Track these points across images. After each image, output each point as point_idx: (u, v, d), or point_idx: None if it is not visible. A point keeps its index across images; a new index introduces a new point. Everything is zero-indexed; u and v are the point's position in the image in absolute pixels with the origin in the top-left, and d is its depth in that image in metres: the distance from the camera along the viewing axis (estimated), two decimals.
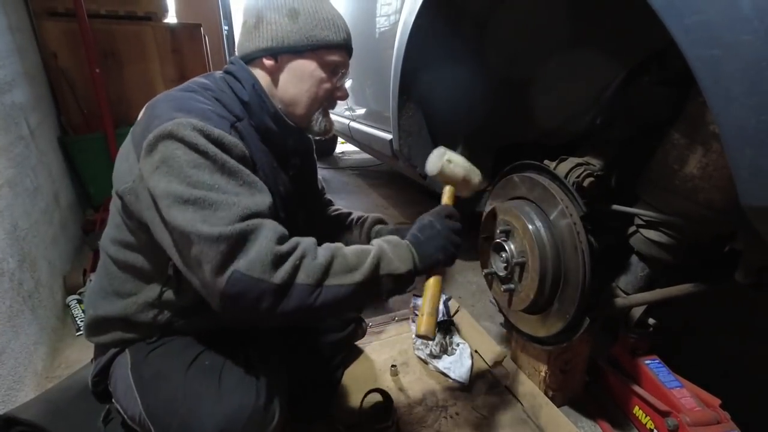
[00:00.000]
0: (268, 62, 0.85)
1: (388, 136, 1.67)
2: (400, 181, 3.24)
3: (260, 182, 0.75)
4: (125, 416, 0.85)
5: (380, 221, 1.15)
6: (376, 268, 0.75)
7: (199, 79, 0.88)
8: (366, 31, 1.86)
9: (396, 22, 1.47)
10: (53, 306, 1.46)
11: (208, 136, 0.70)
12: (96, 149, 2.19)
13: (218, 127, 0.72)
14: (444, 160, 0.93)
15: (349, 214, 1.20)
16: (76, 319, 1.48)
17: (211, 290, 0.66)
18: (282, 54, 0.84)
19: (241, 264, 0.64)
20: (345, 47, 0.89)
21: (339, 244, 0.77)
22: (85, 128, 2.26)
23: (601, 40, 1.10)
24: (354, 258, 0.74)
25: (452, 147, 1.57)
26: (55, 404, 0.93)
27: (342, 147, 4.49)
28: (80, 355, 1.33)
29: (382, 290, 0.78)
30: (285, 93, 0.88)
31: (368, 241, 1.11)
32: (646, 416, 1.04)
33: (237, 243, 0.65)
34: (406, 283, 0.81)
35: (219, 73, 0.89)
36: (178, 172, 0.67)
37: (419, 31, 1.33)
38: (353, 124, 2.24)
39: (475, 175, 0.96)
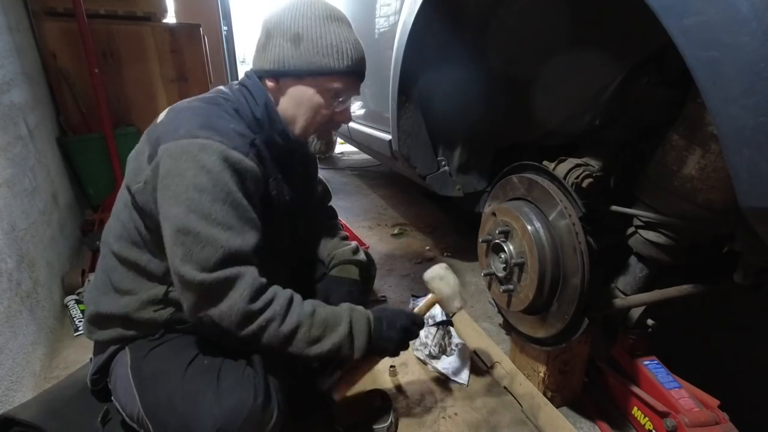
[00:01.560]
0: (270, 83, 0.87)
1: (388, 137, 1.67)
2: (400, 181, 3.24)
3: (255, 219, 0.79)
4: (124, 414, 0.85)
5: (348, 262, 1.13)
6: (336, 350, 0.82)
7: (223, 88, 0.91)
8: (365, 32, 1.86)
9: (395, 23, 1.47)
10: (51, 306, 1.46)
11: (226, 160, 0.74)
12: (95, 149, 2.18)
13: (239, 148, 0.77)
14: (437, 274, 1.05)
15: (333, 235, 1.19)
16: (75, 319, 1.48)
17: (189, 316, 0.76)
18: (283, 78, 0.86)
19: (212, 312, 0.73)
20: (349, 73, 0.87)
21: (314, 307, 0.81)
22: (84, 128, 2.26)
23: (601, 41, 1.10)
24: (319, 330, 0.80)
25: (451, 147, 1.58)
26: (54, 404, 0.93)
27: (341, 147, 4.49)
28: (78, 356, 1.33)
29: (328, 360, 0.90)
30: (285, 113, 0.90)
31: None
32: (644, 417, 1.04)
33: (213, 292, 0.72)
34: (348, 361, 0.92)
35: (236, 85, 0.92)
36: (182, 192, 0.72)
37: (418, 32, 1.33)
38: (352, 125, 2.24)
39: (457, 301, 1.04)
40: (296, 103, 0.88)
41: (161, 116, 0.85)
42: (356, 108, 2.21)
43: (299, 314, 0.79)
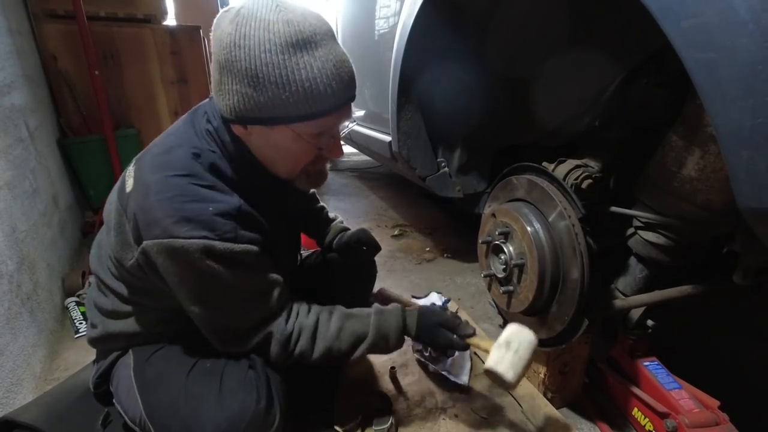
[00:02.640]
0: (237, 128, 0.73)
1: (387, 138, 1.67)
2: (399, 183, 3.24)
3: (267, 277, 0.79)
4: (126, 417, 0.85)
5: (343, 230, 1.22)
6: (372, 351, 0.87)
7: (186, 129, 0.78)
8: (365, 33, 1.87)
9: (395, 25, 1.47)
10: (52, 308, 1.46)
11: (214, 256, 0.70)
12: (95, 151, 2.19)
13: (222, 234, 0.69)
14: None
15: (320, 210, 1.25)
16: (75, 321, 1.48)
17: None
18: (250, 125, 0.71)
19: (268, 355, 0.81)
20: (330, 112, 0.71)
21: (340, 324, 0.85)
22: (85, 130, 2.26)
23: (600, 41, 1.11)
24: (348, 343, 0.84)
25: (451, 148, 1.58)
26: (54, 407, 0.93)
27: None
28: (79, 358, 1.33)
29: (350, 352, 0.87)
30: (263, 157, 0.78)
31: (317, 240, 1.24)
32: (645, 418, 1.04)
33: (255, 351, 0.82)
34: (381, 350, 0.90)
35: (204, 124, 0.77)
36: (189, 285, 0.73)
37: (418, 34, 1.33)
38: (352, 126, 2.24)
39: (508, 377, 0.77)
40: (273, 149, 0.76)
41: (129, 182, 0.74)
42: (356, 110, 2.21)
43: (325, 338, 0.83)
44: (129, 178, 0.76)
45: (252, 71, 0.64)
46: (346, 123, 0.78)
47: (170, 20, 2.66)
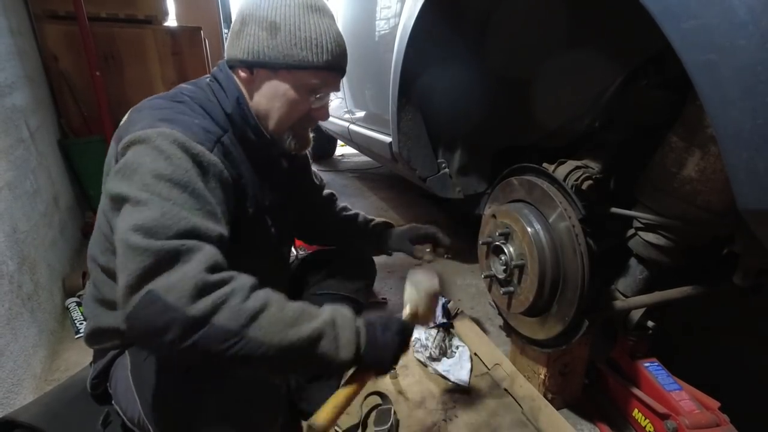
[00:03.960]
0: (243, 74, 0.82)
1: (388, 139, 1.67)
2: (400, 183, 3.24)
3: (221, 214, 0.69)
4: (124, 417, 0.85)
5: (388, 225, 1.21)
6: (317, 338, 0.65)
7: (187, 86, 0.86)
8: (366, 34, 1.87)
9: (395, 26, 1.48)
10: (52, 309, 1.46)
11: (187, 151, 0.67)
12: (96, 152, 2.19)
13: (202, 142, 0.71)
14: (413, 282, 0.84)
15: (356, 217, 1.22)
16: (75, 321, 1.48)
17: (121, 306, 0.58)
18: (257, 69, 0.81)
19: (159, 284, 0.57)
20: (327, 69, 0.82)
21: (282, 296, 0.67)
22: (85, 131, 2.27)
23: (600, 42, 1.11)
24: (291, 316, 0.64)
25: (451, 149, 1.58)
26: (54, 407, 0.93)
27: (341, 150, 4.50)
28: (79, 358, 1.33)
29: (306, 367, 0.74)
30: (258, 106, 0.85)
31: (377, 247, 1.19)
32: (645, 419, 1.04)
33: (163, 261, 0.58)
34: (333, 370, 0.77)
35: (207, 79, 0.87)
36: (139, 178, 0.62)
37: (418, 35, 1.33)
38: (353, 127, 2.25)
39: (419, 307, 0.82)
40: (270, 97, 0.83)
41: (124, 118, 0.80)
42: (356, 111, 2.21)
43: (267, 294, 0.65)
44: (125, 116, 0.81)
45: (272, 18, 0.76)
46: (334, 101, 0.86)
47: (171, 21, 2.66)
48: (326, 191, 1.24)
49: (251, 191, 0.85)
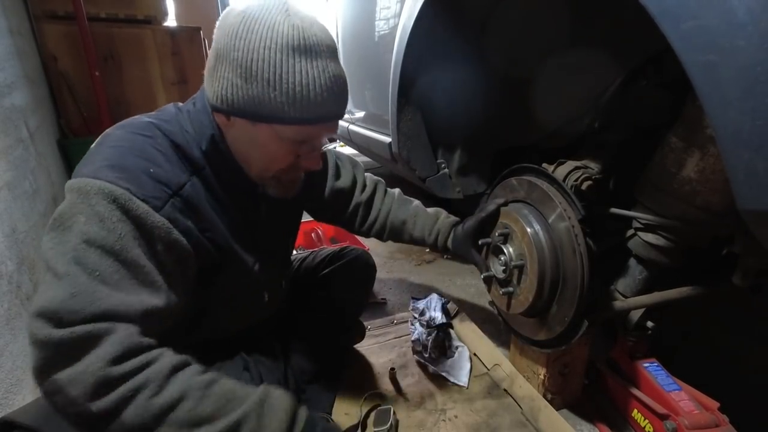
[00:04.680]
0: (219, 117, 0.72)
1: (387, 140, 1.67)
2: (399, 184, 3.23)
3: (161, 281, 0.63)
4: None
5: (454, 223, 1.14)
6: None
7: (173, 108, 0.78)
8: (365, 35, 1.87)
9: (395, 26, 1.48)
10: None
11: (127, 212, 0.60)
12: None
13: (148, 199, 0.62)
14: None
15: (412, 216, 1.14)
16: None
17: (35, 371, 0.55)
18: (234, 116, 0.69)
19: (63, 375, 0.52)
20: (316, 122, 0.69)
21: (214, 379, 0.61)
22: (85, 131, 2.27)
23: (600, 42, 1.11)
24: (210, 410, 0.57)
25: (451, 150, 1.58)
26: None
27: (341, 150, 4.50)
28: None
29: None
30: (236, 151, 0.75)
31: (437, 249, 1.13)
32: (644, 419, 1.04)
33: (66, 352, 0.53)
34: None
35: (185, 107, 0.78)
36: (69, 240, 0.57)
37: (418, 35, 1.33)
38: (352, 128, 2.25)
39: None
40: (250, 145, 0.73)
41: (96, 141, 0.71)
42: (356, 111, 2.21)
43: (187, 383, 0.58)
44: None
45: (247, 63, 0.64)
46: (329, 141, 0.77)
47: (170, 21, 2.66)
48: (365, 194, 1.13)
49: (224, 239, 0.77)
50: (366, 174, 1.19)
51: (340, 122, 2.58)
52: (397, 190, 1.23)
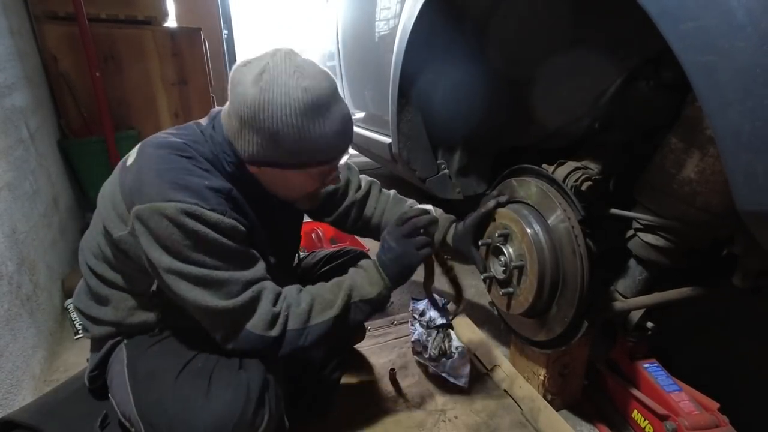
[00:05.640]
0: (249, 165, 0.83)
1: (387, 140, 1.67)
2: (399, 184, 3.23)
3: (254, 253, 0.82)
4: (119, 413, 0.85)
5: (450, 220, 1.18)
6: (348, 298, 0.86)
7: (195, 131, 0.86)
8: (365, 36, 1.87)
9: (395, 27, 1.48)
10: (52, 309, 1.46)
11: (207, 223, 0.73)
12: (96, 153, 2.19)
13: (215, 208, 0.75)
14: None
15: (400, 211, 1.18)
16: (75, 322, 1.48)
17: (225, 346, 0.80)
18: (264, 167, 0.82)
19: (249, 324, 0.78)
20: (337, 158, 0.85)
21: (319, 285, 0.88)
22: (85, 132, 2.26)
23: (600, 43, 1.11)
24: (330, 295, 0.86)
25: (451, 150, 1.59)
26: (53, 408, 0.93)
27: None
28: (78, 359, 1.33)
29: (360, 315, 0.89)
30: (264, 182, 0.86)
31: None
32: (644, 420, 1.04)
33: (245, 310, 0.77)
34: (381, 303, 0.92)
35: (210, 129, 0.85)
36: (179, 253, 0.73)
37: (418, 36, 1.34)
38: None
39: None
40: (280, 184, 0.86)
41: (131, 157, 0.81)
42: (356, 112, 2.21)
43: (309, 292, 0.87)
44: (132, 155, 0.82)
45: (273, 130, 0.75)
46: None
47: (171, 22, 2.66)
48: (359, 193, 1.19)
49: (256, 232, 0.88)
50: (360, 175, 1.22)
51: None
52: (392, 191, 1.24)
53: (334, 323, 0.84)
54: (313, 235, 2.12)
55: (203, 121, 0.89)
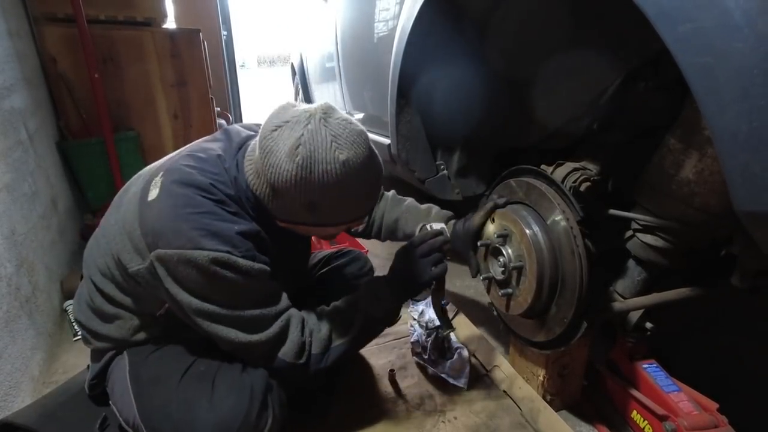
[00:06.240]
0: (279, 222, 0.84)
1: (386, 141, 1.67)
2: (398, 185, 3.23)
3: (277, 287, 0.85)
4: (120, 419, 0.85)
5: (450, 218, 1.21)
6: (364, 321, 0.90)
7: (219, 166, 0.83)
8: (364, 36, 1.87)
9: (394, 27, 1.48)
10: (51, 311, 1.46)
11: (238, 271, 0.75)
12: (95, 154, 2.19)
13: (245, 254, 0.76)
14: None
15: (405, 214, 1.21)
16: (74, 324, 1.48)
17: (263, 365, 0.84)
18: (296, 225, 0.84)
19: (281, 353, 0.83)
20: (368, 211, 0.92)
21: (335, 308, 0.92)
22: (84, 133, 2.26)
23: (599, 44, 1.11)
24: (346, 321, 0.90)
25: (450, 151, 1.59)
26: (52, 410, 0.93)
27: None
28: (77, 360, 1.33)
29: (373, 333, 0.96)
30: (292, 229, 0.87)
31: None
32: (644, 420, 1.04)
33: (276, 341, 0.82)
34: (393, 321, 0.98)
35: (233, 172, 0.83)
36: (208, 297, 0.75)
37: (417, 36, 1.34)
38: None
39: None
40: (307, 231, 0.88)
41: (153, 191, 0.77)
42: (355, 112, 2.21)
43: (325, 315, 0.91)
44: (154, 188, 0.78)
45: (310, 203, 0.76)
46: None
47: (170, 23, 2.66)
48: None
49: (276, 261, 0.88)
50: None
51: None
52: (391, 192, 1.24)
53: (351, 344, 0.89)
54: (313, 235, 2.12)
55: (220, 148, 0.86)
